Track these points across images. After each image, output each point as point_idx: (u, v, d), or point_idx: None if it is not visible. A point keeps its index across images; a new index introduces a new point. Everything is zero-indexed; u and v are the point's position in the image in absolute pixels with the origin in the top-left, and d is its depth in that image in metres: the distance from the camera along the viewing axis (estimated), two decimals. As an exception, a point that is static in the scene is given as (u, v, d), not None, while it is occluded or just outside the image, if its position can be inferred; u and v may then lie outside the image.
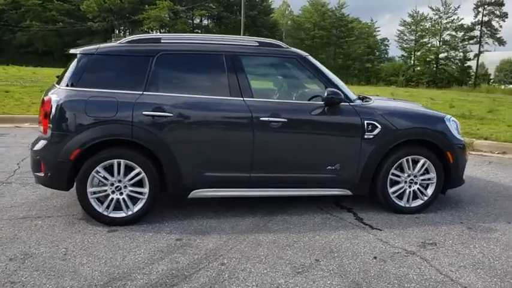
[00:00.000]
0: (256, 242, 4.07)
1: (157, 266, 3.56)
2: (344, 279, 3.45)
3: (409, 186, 4.87)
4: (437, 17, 58.50)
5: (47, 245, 3.86)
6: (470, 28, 58.59)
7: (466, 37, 58.31)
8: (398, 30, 62.38)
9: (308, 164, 4.65)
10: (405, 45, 61.41)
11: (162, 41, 4.50)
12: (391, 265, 3.70)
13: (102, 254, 3.72)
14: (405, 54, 62.24)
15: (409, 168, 4.83)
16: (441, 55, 59.38)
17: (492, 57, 66.25)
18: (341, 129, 4.67)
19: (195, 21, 58.56)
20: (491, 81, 63.81)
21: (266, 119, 4.43)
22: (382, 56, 71.81)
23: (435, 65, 58.04)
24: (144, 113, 4.23)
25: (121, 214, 4.32)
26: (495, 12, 58.54)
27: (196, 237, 4.12)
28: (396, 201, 4.87)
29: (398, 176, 4.83)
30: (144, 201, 4.35)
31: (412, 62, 60.39)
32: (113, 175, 4.26)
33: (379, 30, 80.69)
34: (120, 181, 4.28)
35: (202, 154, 4.40)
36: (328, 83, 4.69)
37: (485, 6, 58.19)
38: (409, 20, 60.86)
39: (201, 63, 4.57)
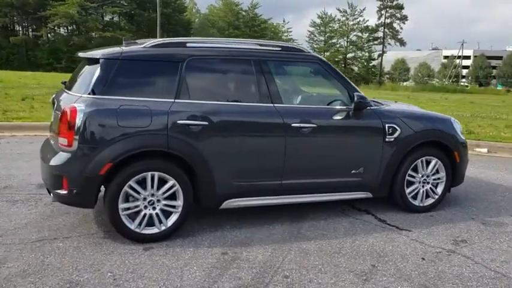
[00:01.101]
0: (302, 250, 3.99)
1: (222, 284, 3.37)
2: (411, 283, 3.49)
3: (423, 186, 5.05)
4: (344, 18, 61.59)
5: (88, 269, 3.50)
6: (374, 29, 62.28)
7: (370, 38, 61.97)
8: (309, 31, 64.74)
9: (335, 168, 4.65)
10: (315, 46, 63.76)
11: (187, 45, 4.25)
12: (442, 265, 3.81)
13: (154, 276, 3.44)
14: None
15: (423, 169, 5.01)
16: (349, 55, 62.57)
17: (387, 57, 70.87)
18: (365, 133, 4.72)
19: (106, 19, 56.06)
20: (388, 79, 68.62)
21: (297, 125, 4.36)
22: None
23: (343, 65, 60.84)
24: (179, 122, 3.98)
25: (153, 230, 4.03)
26: (396, 15, 62.78)
27: (239, 250, 3.95)
28: (412, 201, 5.03)
29: (414, 177, 4.99)
30: (177, 214, 4.09)
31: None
32: (145, 189, 3.97)
33: (291, 31, 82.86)
34: (153, 195, 3.99)
35: (236, 162, 4.23)
36: (350, 87, 4.73)
37: (387, 9, 62.22)
38: (318, 21, 63.35)
39: (230, 68, 4.40)
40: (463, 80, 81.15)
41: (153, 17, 41.89)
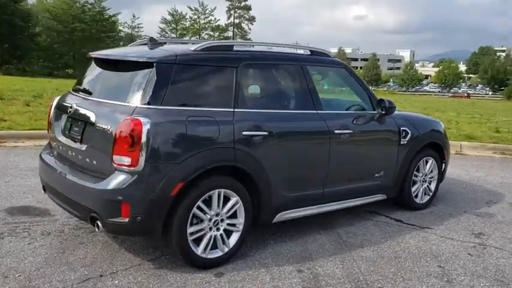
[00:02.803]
0: (367, 259, 3.95)
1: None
2: (485, 279, 3.69)
3: (422, 185, 5.37)
4: (196, 17, 61.78)
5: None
6: (224, 29, 63.73)
7: (221, 37, 63.11)
8: (160, 28, 63.52)
9: (364, 172, 4.70)
10: (167, 43, 62.39)
11: (235, 48, 3.89)
12: (491, 258, 4.10)
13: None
14: (169, 52, 63.06)
15: (423, 169, 5.32)
16: (201, 53, 62.16)
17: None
18: (386, 136, 4.85)
19: None
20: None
21: (338, 131, 4.31)
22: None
23: (197, 64, 60.64)
24: (243, 133, 3.64)
25: (217, 253, 3.63)
26: (244, 15, 65.07)
27: (309, 265, 3.77)
28: (414, 199, 5.31)
29: (416, 176, 5.28)
30: (238, 233, 3.74)
31: (175, 60, 61.71)
32: (211, 209, 3.56)
33: (141, 26, 79.58)
34: (217, 214, 3.60)
35: (289, 173, 4.02)
36: (370, 92, 4.81)
37: (236, 10, 64.14)
38: (169, 18, 62.55)
39: (278, 74, 4.18)
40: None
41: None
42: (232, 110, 3.64)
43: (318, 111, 4.23)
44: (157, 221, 3.32)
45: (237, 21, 64.65)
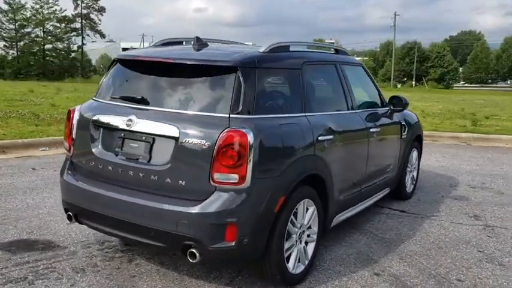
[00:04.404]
0: (420, 253, 4.06)
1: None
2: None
3: (409, 174, 5.67)
4: (38, 6, 56.22)
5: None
6: (72, 20, 59.12)
7: (68, 29, 58.46)
8: (-6, 18, 56.47)
9: (384, 168, 4.81)
10: (5, 35, 56.20)
11: (291, 48, 3.64)
12: (508, 238, 4.51)
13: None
14: (7, 45, 56.88)
15: (412, 159, 5.62)
16: (47, 46, 57.46)
17: (95, 48, 68.59)
18: (395, 131, 5.01)
19: None
20: (96, 71, 66.50)
21: (373, 129, 4.34)
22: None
23: (42, 57, 55.78)
24: (319, 138, 3.46)
25: (300, 268, 3.41)
26: (93, 6, 61.11)
27: (379, 267, 3.75)
28: (405, 189, 5.59)
29: (408, 167, 5.55)
30: (313, 243, 3.57)
31: (17, 53, 55.97)
32: (297, 221, 3.33)
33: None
34: (301, 226, 3.38)
35: (344, 175, 3.94)
36: (379, 89, 4.92)
37: (83, 0, 59.93)
38: (5, 7, 55.98)
39: (325, 74, 4.04)
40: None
41: None
42: (304, 114, 3.44)
43: (355, 111, 4.22)
44: (261, 241, 3.01)
45: (85, 11, 60.56)
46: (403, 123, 5.16)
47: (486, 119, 14.02)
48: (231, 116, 2.92)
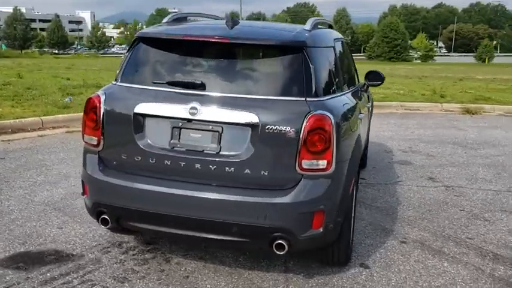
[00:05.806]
0: (423, 218, 4.37)
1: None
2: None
3: (366, 145, 6.01)
4: None
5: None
6: None
7: None
8: None
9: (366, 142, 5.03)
10: None
11: (320, 26, 3.58)
12: (481, 194, 5.10)
13: None
14: None
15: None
16: None
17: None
18: (369, 105, 5.25)
19: None
20: None
21: (364, 107, 4.51)
22: None
23: None
24: (359, 116, 3.56)
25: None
26: None
27: (398, 236, 3.97)
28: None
29: (367, 138, 5.88)
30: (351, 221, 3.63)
31: None
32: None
33: None
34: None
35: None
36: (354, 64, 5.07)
37: None
38: None
39: (341, 51, 3.99)
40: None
41: None
42: (346, 92, 3.48)
43: (358, 86, 4.36)
44: (340, 224, 2.99)
45: None
46: (368, 94, 5.41)
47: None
48: (308, 99, 2.80)
